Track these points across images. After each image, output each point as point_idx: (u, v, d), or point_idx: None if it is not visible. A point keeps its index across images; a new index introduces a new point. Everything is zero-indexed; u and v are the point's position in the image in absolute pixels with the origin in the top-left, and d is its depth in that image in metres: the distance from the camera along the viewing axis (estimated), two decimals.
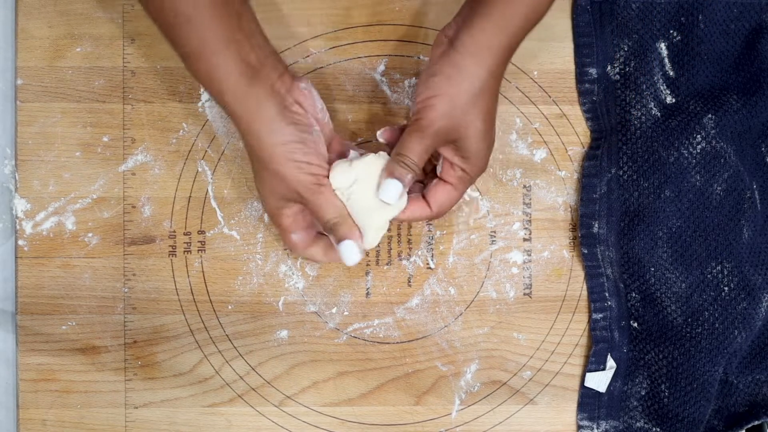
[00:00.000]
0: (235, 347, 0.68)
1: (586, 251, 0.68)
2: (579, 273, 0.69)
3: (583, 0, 0.68)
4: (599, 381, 0.68)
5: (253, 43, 0.55)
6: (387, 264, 0.68)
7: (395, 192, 0.57)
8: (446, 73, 0.55)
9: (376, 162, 0.58)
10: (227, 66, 0.54)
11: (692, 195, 0.67)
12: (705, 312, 0.67)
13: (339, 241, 0.58)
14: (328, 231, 0.59)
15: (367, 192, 0.58)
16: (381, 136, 0.61)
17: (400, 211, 0.59)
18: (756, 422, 0.68)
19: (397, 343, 0.68)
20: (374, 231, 0.59)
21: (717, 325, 0.66)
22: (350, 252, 0.58)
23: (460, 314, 0.68)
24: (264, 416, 0.68)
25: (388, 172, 0.58)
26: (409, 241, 0.68)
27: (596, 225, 0.67)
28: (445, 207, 0.60)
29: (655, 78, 0.67)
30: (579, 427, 0.68)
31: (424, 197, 0.60)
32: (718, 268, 0.67)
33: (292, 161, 0.56)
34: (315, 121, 0.57)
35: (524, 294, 0.69)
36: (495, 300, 0.69)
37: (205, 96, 0.68)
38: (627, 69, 0.68)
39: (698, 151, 0.66)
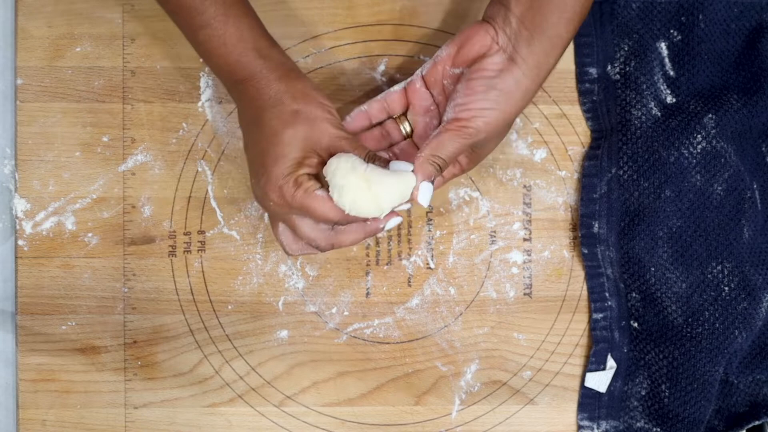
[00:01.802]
0: (235, 347, 0.68)
1: (586, 251, 0.68)
2: (579, 273, 0.69)
3: None
4: (599, 381, 0.68)
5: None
6: (387, 264, 0.68)
7: (431, 194, 0.57)
8: (507, 89, 0.56)
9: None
10: (252, 29, 0.57)
11: (692, 195, 0.67)
12: (705, 312, 0.67)
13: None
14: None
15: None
16: (353, 121, 0.61)
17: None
18: (756, 422, 0.68)
19: (397, 343, 0.68)
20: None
21: (717, 325, 0.66)
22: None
23: (460, 314, 0.68)
24: (264, 416, 0.68)
25: (425, 175, 0.56)
26: (409, 241, 0.68)
27: (596, 225, 0.67)
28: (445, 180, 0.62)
29: (656, 78, 0.67)
30: (579, 427, 0.68)
31: None
32: (719, 268, 0.67)
33: (324, 103, 0.56)
34: None
35: (524, 294, 0.69)
36: (495, 300, 0.69)
37: (205, 96, 0.68)
38: (627, 69, 0.68)
39: (698, 150, 0.66)
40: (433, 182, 0.57)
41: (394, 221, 0.59)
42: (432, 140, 0.57)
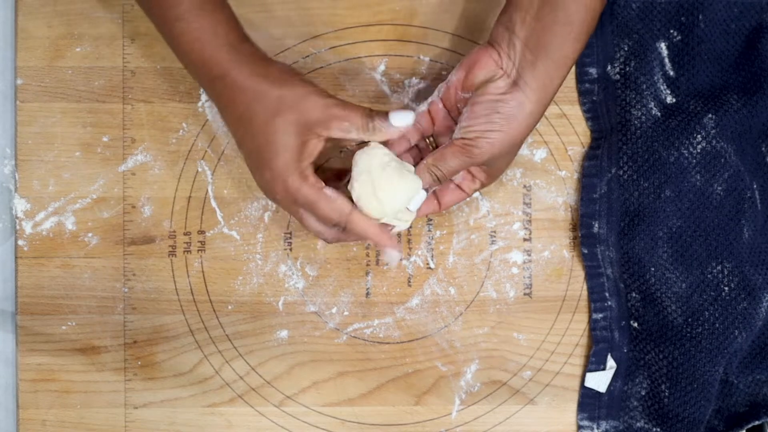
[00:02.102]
0: (235, 347, 0.68)
1: (586, 251, 0.68)
2: (579, 273, 0.69)
3: None
4: (599, 381, 0.68)
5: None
6: (387, 264, 0.68)
7: (421, 201, 0.60)
8: (510, 113, 0.56)
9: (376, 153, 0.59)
10: (226, 23, 0.57)
11: (692, 195, 0.67)
12: (705, 312, 0.67)
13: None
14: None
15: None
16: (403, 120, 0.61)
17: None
18: (756, 422, 0.68)
19: (397, 343, 0.68)
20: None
21: (717, 325, 0.66)
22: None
23: (460, 314, 0.68)
24: (264, 416, 0.68)
25: (423, 182, 0.59)
26: (409, 241, 0.68)
27: (596, 225, 0.67)
28: (450, 207, 0.64)
29: (655, 78, 0.67)
30: (579, 427, 0.68)
31: (434, 194, 0.62)
32: (719, 268, 0.67)
33: (304, 80, 0.57)
34: None
35: (524, 294, 0.69)
36: (495, 300, 0.69)
37: (205, 96, 0.68)
38: (627, 69, 0.68)
39: (698, 150, 0.66)
40: (427, 191, 0.60)
41: (394, 256, 0.60)
42: (437, 152, 0.59)
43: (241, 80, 0.56)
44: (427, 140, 0.63)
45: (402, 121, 0.58)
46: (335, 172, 0.64)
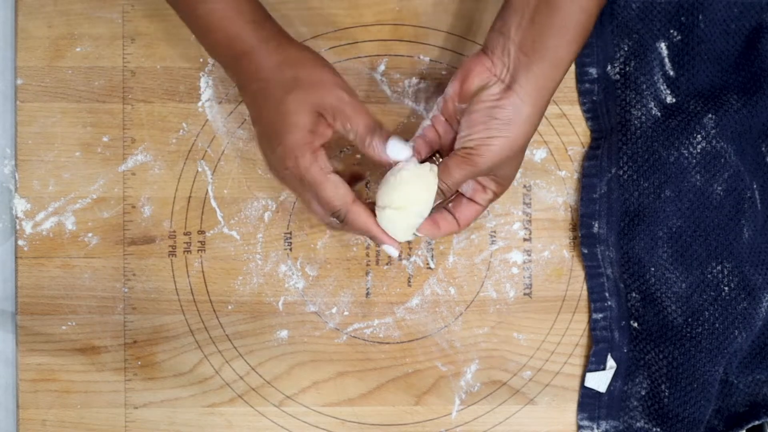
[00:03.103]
0: (235, 347, 0.68)
1: (586, 251, 0.68)
2: (579, 273, 0.69)
3: None
4: (599, 381, 0.68)
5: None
6: (387, 264, 0.68)
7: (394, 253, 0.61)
8: (507, 118, 0.56)
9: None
10: (249, 1, 0.58)
11: (692, 195, 0.67)
12: (705, 312, 0.67)
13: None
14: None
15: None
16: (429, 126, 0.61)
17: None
18: (756, 422, 0.68)
19: (397, 343, 0.68)
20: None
21: (717, 325, 0.66)
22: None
23: (460, 314, 0.68)
24: (264, 416, 0.68)
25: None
26: (409, 241, 0.68)
27: (596, 225, 0.67)
28: (470, 222, 0.62)
29: (655, 78, 0.67)
30: (579, 427, 0.68)
31: (451, 213, 0.62)
32: (719, 268, 0.67)
33: (326, 66, 0.58)
34: None
35: (524, 294, 0.69)
36: (495, 300, 0.69)
37: (205, 96, 0.68)
38: (627, 69, 0.68)
39: (698, 150, 0.66)
40: (441, 208, 0.61)
41: (392, 252, 0.60)
42: (440, 165, 0.59)
43: (263, 58, 0.57)
44: (434, 157, 0.62)
45: (397, 154, 0.58)
46: (349, 174, 0.63)
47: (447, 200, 0.61)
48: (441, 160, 0.60)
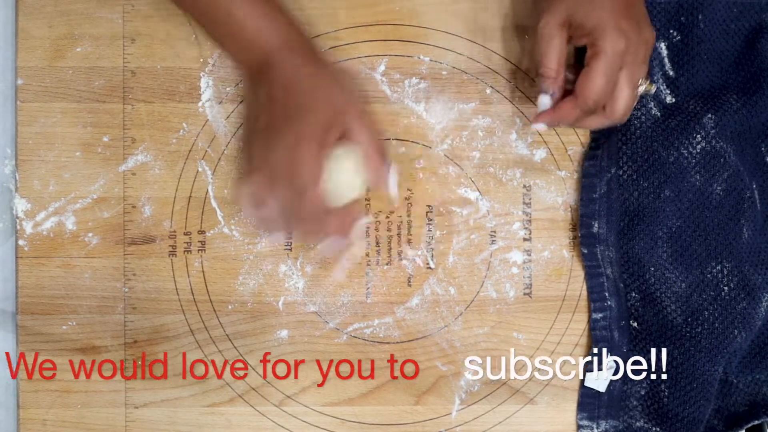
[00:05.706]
0: (235, 347, 0.68)
1: (586, 251, 0.68)
2: (579, 273, 0.69)
3: None
4: (599, 381, 0.68)
5: None
6: (387, 264, 0.68)
7: (547, 103, 0.61)
8: None
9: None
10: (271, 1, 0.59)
11: (692, 195, 0.67)
12: (705, 312, 0.67)
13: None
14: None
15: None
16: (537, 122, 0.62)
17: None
18: (756, 422, 0.68)
19: (397, 342, 0.68)
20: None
21: (717, 324, 0.66)
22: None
23: (460, 314, 0.68)
24: (264, 416, 0.68)
25: (541, 88, 0.61)
26: (409, 241, 0.68)
27: (596, 225, 0.67)
28: (590, 92, 0.60)
29: (655, 78, 0.67)
30: (579, 426, 0.68)
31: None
32: (718, 267, 0.67)
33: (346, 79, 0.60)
34: None
35: (524, 294, 0.69)
36: (495, 300, 0.69)
37: (205, 96, 0.68)
38: None
39: (698, 150, 0.66)
40: (548, 93, 0.61)
41: (335, 246, 0.61)
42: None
43: (298, 49, 0.58)
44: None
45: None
46: None
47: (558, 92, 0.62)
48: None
